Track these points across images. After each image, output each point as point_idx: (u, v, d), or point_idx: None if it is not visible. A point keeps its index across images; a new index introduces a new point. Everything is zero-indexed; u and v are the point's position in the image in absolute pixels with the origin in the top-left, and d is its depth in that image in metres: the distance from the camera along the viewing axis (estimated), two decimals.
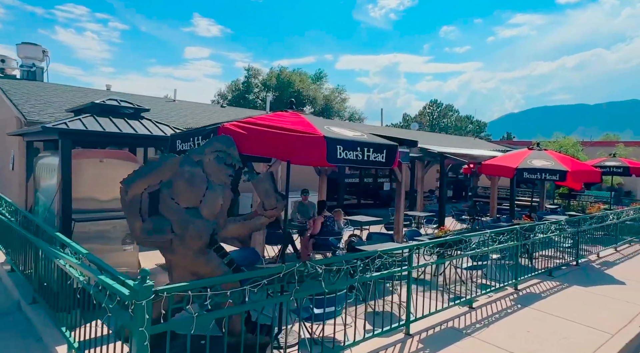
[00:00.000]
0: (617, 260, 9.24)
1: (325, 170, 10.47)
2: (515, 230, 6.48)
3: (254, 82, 54.31)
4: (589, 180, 9.06)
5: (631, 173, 12.83)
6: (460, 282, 6.07)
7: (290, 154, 3.49)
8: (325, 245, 7.31)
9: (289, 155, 3.50)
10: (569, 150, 16.45)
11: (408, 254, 4.56)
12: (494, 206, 12.20)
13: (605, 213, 9.58)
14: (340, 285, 3.87)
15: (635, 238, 11.91)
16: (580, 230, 8.48)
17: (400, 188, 9.00)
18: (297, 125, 3.72)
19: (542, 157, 8.90)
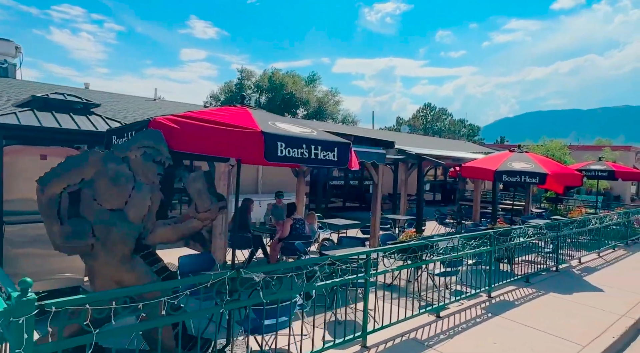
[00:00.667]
0: (599, 266, 8.99)
1: (304, 171, 10.17)
2: (488, 235, 6.21)
3: (247, 83, 54.04)
4: (570, 184, 8.81)
5: (617, 177, 12.65)
6: (433, 289, 5.80)
7: (225, 151, 3.19)
8: (292, 250, 7.00)
9: (223, 151, 3.20)
10: (555, 153, 16.28)
11: (365, 260, 4.26)
12: (477, 210, 11.95)
13: (587, 217, 9.34)
14: (283, 294, 3.56)
15: (620, 243, 11.72)
16: (560, 234, 8.23)
17: (376, 191, 8.71)
18: (237, 120, 3.42)
19: (522, 160, 8.65)
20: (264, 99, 53.64)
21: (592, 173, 12.87)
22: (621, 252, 10.74)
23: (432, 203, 20.62)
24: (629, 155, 24.96)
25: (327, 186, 16.11)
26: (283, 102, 51.48)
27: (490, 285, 6.33)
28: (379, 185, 8.65)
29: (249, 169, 13.29)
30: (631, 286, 7.41)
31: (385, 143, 8.44)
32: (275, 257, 7.23)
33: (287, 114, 49.06)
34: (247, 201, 7.84)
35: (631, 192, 26.33)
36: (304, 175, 10.25)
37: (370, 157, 7.95)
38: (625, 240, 11.83)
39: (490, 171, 8.49)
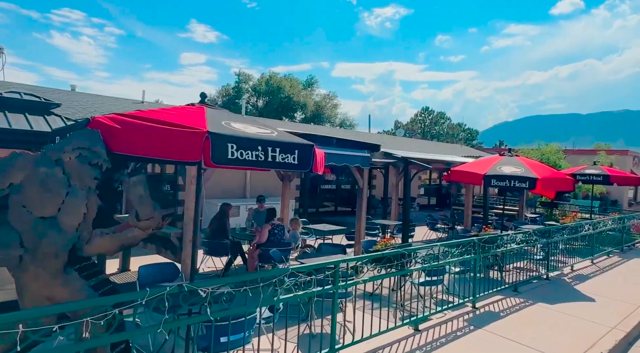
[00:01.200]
0: (592, 273, 8.68)
1: (289, 175, 9.88)
2: (472, 242, 5.91)
3: (244, 87, 53.86)
4: (562, 189, 8.53)
5: (612, 181, 12.36)
6: (417, 298, 5.51)
7: (166, 152, 2.89)
8: (269, 257, 6.69)
9: (164, 153, 2.90)
10: (550, 157, 15.99)
11: (333, 271, 3.96)
12: (468, 215, 11.64)
13: (580, 223, 9.04)
14: (236, 310, 3.26)
15: (616, 249, 11.41)
16: (551, 241, 7.93)
17: (361, 196, 8.42)
18: (187, 119, 3.13)
19: (512, 164, 8.37)
20: (261, 103, 53.48)
21: (586, 177, 12.60)
22: (616, 258, 10.43)
23: (427, 208, 20.31)
24: (626, 160, 24.67)
25: (318, 190, 15.81)
26: (280, 105, 51.31)
27: (474, 296, 6.02)
28: (364, 189, 8.36)
29: (236, 173, 13.01)
30: (624, 295, 7.10)
31: (370, 146, 8.17)
32: (253, 265, 6.92)
33: (285, 118, 48.87)
34: (225, 206, 7.55)
35: (629, 197, 26.02)
36: (289, 179, 9.96)
37: (354, 161, 7.67)
38: (621, 246, 11.53)
39: (479, 175, 8.21)
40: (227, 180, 12.54)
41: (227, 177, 12.48)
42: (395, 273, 4.65)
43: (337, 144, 7.58)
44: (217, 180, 12.21)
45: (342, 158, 7.38)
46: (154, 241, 6.15)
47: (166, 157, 2.91)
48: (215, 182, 12.17)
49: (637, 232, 13.58)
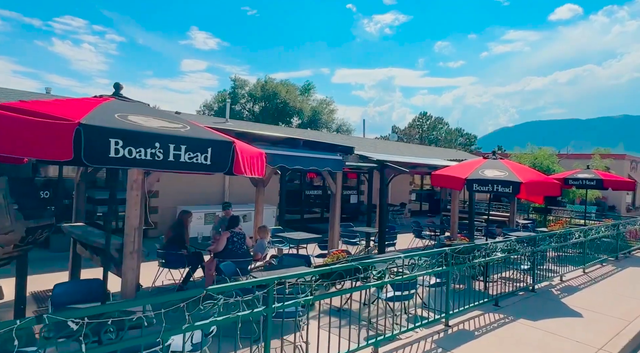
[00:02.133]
0: (582, 284, 8.06)
1: (263, 181, 9.33)
2: (443, 253, 5.32)
3: (240, 92, 53.55)
4: (548, 194, 7.94)
5: (605, 186, 11.75)
6: (387, 315, 4.94)
7: (22, 148, 2.33)
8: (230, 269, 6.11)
9: (20, 149, 2.34)
10: (543, 162, 15.42)
11: (266, 293, 3.37)
12: (455, 221, 11.03)
13: (569, 230, 8.45)
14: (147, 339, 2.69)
15: (611, 256, 10.80)
16: (537, 250, 7.33)
17: (334, 202, 7.85)
18: (67, 111, 2.58)
19: (495, 167, 7.80)
20: (257, 108, 53.13)
21: (579, 182, 12.00)
22: (610, 267, 9.81)
23: (419, 214, 19.72)
24: (623, 164, 24.07)
25: (303, 196, 15.24)
26: (277, 111, 50.96)
27: (447, 312, 5.42)
28: (337, 195, 7.80)
29: (214, 178, 12.46)
30: (614, 310, 6.49)
31: (343, 149, 7.62)
32: (210, 277, 6.34)
33: (282, 123, 48.44)
34: (183, 214, 6.97)
35: (627, 202, 25.39)
36: (263, 184, 9.40)
37: (324, 164, 7.12)
38: (616, 254, 10.92)
39: (460, 179, 7.64)
40: (203, 184, 12.00)
41: (203, 181, 11.93)
42: (347, 291, 4.06)
43: (305, 146, 7.04)
44: (191, 185, 11.66)
45: (310, 161, 6.83)
46: (99, 252, 5.59)
47: (25, 154, 2.35)
48: (190, 186, 11.62)
49: (634, 239, 12.96)
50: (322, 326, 4.92)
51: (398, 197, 18.86)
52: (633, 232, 12.81)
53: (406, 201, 19.23)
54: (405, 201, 19.05)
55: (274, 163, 6.30)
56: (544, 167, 15.35)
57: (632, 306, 6.74)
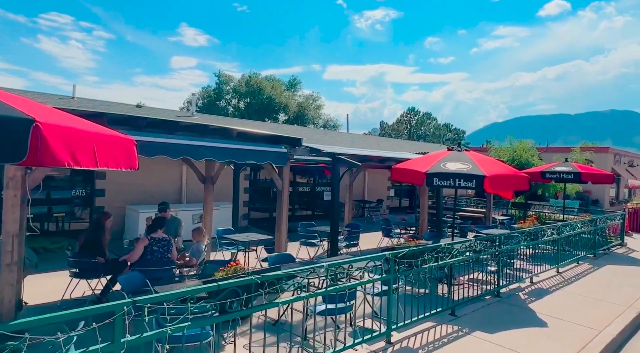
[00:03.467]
0: (553, 286, 7.40)
1: (212, 178, 8.52)
2: (384, 258, 4.58)
3: (225, 88, 52.48)
4: (516, 188, 7.26)
5: (583, 179, 11.16)
6: (326, 329, 4.21)
7: None
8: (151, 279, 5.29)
9: None
10: (522, 155, 14.80)
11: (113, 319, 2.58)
12: (424, 218, 10.35)
13: (540, 228, 7.77)
14: None
15: (589, 253, 10.19)
16: (501, 250, 6.64)
17: (281, 199, 7.09)
18: None
19: (459, 160, 7.08)
20: (242, 105, 52.12)
21: (557, 175, 11.39)
22: (586, 266, 9.19)
23: (398, 211, 19.05)
24: (607, 157, 23.62)
25: (271, 193, 14.45)
26: (262, 106, 50.03)
27: (389, 327, 4.68)
28: (285, 191, 7.03)
29: (170, 174, 11.62)
30: (585, 316, 5.82)
31: (288, 140, 6.84)
32: None
33: (268, 119, 47.53)
34: (101, 216, 6.13)
35: (610, 196, 24.98)
36: (212, 181, 8.60)
37: (265, 157, 6.33)
38: (594, 251, 10.31)
39: (420, 173, 6.93)
40: (157, 181, 11.14)
41: (158, 177, 11.08)
42: (242, 312, 3.28)
43: (240, 137, 6.24)
44: (143, 182, 10.81)
45: (246, 154, 6.04)
46: None
47: None
48: (141, 183, 10.76)
49: (613, 234, 12.40)
50: (245, 345, 4.18)
51: (375, 193, 18.17)
52: (612, 227, 12.25)
53: (384, 197, 18.53)
54: (382, 197, 18.35)
55: (199, 156, 5.51)
56: (523, 160, 14.72)
57: (603, 312, 6.08)
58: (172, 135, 5.38)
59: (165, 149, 5.07)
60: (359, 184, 17.74)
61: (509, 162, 14.99)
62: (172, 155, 5.16)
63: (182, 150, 5.24)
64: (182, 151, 5.23)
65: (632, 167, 26.71)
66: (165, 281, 4.69)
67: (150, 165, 10.50)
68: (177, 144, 5.18)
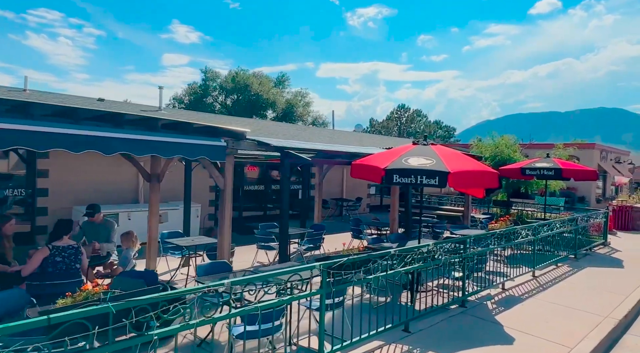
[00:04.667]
0: (526, 293, 6.71)
1: (158, 174, 7.72)
2: (312, 269, 3.83)
3: (212, 85, 51.44)
4: (485, 185, 6.55)
5: (565, 176, 10.51)
6: None
7: None
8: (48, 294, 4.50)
9: None
10: (504, 151, 14.16)
11: None
12: (394, 218, 9.65)
13: (512, 229, 7.07)
14: None
15: (571, 253, 9.55)
16: (466, 255, 5.92)
17: (223, 199, 6.31)
18: None
19: (423, 154, 6.36)
20: (229, 101, 51.13)
21: (537, 171, 10.74)
22: (565, 269, 8.53)
23: (380, 209, 18.33)
24: (593, 154, 23.11)
25: (241, 191, 13.65)
26: (249, 103, 49.11)
27: (321, 350, 3.95)
28: (227, 190, 6.25)
29: (126, 172, 10.78)
30: (557, 330, 5.12)
31: (229, 133, 6.05)
32: None
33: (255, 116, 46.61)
34: (1, 220, 5.29)
35: (597, 193, 24.53)
36: (158, 178, 7.79)
37: (198, 151, 5.54)
38: (575, 252, 9.67)
39: (379, 169, 6.21)
40: (110, 179, 10.30)
41: (111, 175, 10.24)
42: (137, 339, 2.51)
43: (166, 128, 5.46)
44: (94, 180, 9.97)
45: (173, 147, 5.26)
46: None
47: None
48: (92, 182, 9.92)
49: (596, 233, 11.79)
50: None
51: (356, 191, 17.44)
52: (595, 225, 11.64)
53: (364, 195, 17.82)
54: (363, 195, 17.64)
55: (110, 149, 4.70)
56: (505, 156, 14.08)
57: (578, 323, 5.40)
58: (77, 125, 4.58)
59: (61, 141, 4.26)
60: (338, 182, 17.02)
61: (491, 158, 14.35)
62: (73, 149, 4.36)
63: (86, 143, 4.44)
64: (85, 144, 4.43)
65: (618, 164, 26.29)
66: (44, 300, 3.90)
67: (103, 161, 9.70)
68: (78, 136, 4.36)
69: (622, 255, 10.28)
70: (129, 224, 9.12)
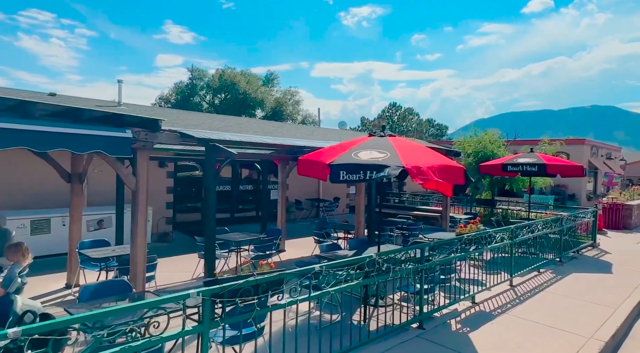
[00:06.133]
0: (500, 308, 5.73)
1: (79, 175, 6.70)
2: (183, 300, 2.82)
3: (199, 84, 50.29)
4: (451, 182, 5.57)
5: (549, 171, 9.58)
6: None
7: None
8: None
9: None
10: (488, 146, 13.21)
11: None
12: (360, 221, 8.68)
13: (484, 233, 6.08)
14: None
15: (557, 256, 8.60)
16: (422, 268, 4.92)
17: (135, 202, 5.27)
18: None
19: (377, 147, 5.38)
20: (217, 100, 49.99)
21: (519, 167, 9.80)
22: (548, 275, 7.57)
23: None
24: (583, 149, 22.24)
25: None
26: (237, 102, 48.01)
27: None
28: (141, 193, 5.22)
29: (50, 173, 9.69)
30: None
31: (136, 121, 5.01)
32: None
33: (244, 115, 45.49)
34: None
35: (588, 190, 23.68)
36: (79, 178, 6.76)
37: (91, 144, 4.51)
38: (560, 255, 8.72)
39: (324, 166, 5.24)
40: (36, 182, 9.22)
41: (37, 176, 9.15)
42: None
43: (49, 116, 4.42)
44: (15, 181, 8.89)
45: (53, 139, 4.22)
46: None
47: None
48: (12, 182, 8.83)
49: (585, 233, 10.86)
50: None
51: (333, 189, 16.43)
52: (584, 225, 10.71)
53: (342, 195, 16.82)
54: (340, 195, 16.64)
55: None
56: (488, 152, 13.13)
57: (554, 349, 4.43)
58: None
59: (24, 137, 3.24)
60: (314, 181, 15.99)
61: (474, 154, 13.41)
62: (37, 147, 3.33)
63: None
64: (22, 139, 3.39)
65: (609, 160, 25.46)
66: None
67: (28, 160, 8.63)
68: (32, 131, 3.34)
69: (612, 257, 9.35)
70: (65, 230, 8.06)
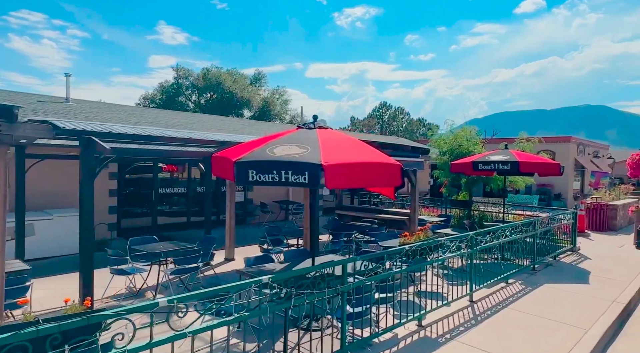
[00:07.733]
0: (450, 331, 4.76)
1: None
2: None
3: (185, 83, 49.15)
4: (385, 182, 4.62)
5: (523, 170, 8.64)
6: None
7: None
8: None
9: None
10: (464, 143, 12.31)
11: None
12: (307, 227, 7.72)
13: (433, 242, 5.14)
14: None
15: (532, 263, 7.69)
16: (345, 289, 3.96)
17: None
18: None
19: (299, 142, 4.43)
20: (203, 100, 48.89)
21: (491, 166, 8.88)
22: (516, 287, 6.64)
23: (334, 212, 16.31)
24: (569, 147, 21.42)
25: (153, 195, 11.58)
26: (223, 101, 46.94)
27: None
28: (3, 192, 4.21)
29: None
30: None
31: None
32: None
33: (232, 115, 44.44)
34: None
35: (575, 189, 22.87)
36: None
37: None
38: (533, 262, 7.81)
39: (230, 162, 4.30)
40: None
41: None
42: None
43: None
44: None
45: None
46: None
47: None
48: None
49: (565, 235, 9.95)
50: None
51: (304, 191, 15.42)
52: (563, 227, 9.82)
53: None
54: None
55: None
56: (464, 149, 12.21)
57: None
58: None
59: None
60: None
61: (448, 152, 12.51)
62: None
63: None
64: None
65: (597, 158, 24.69)
66: None
67: None
68: None
69: (591, 264, 8.44)
70: None
